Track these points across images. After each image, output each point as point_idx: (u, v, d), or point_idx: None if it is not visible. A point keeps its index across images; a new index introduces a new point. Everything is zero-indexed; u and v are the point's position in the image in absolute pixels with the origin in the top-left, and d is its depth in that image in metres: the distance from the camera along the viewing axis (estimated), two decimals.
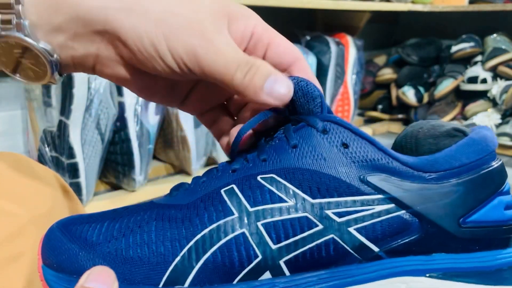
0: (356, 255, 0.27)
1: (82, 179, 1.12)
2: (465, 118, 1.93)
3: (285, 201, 0.27)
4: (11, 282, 0.34)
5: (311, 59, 1.56)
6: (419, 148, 0.30)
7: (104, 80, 1.11)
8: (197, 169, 1.38)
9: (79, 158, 1.10)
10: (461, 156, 0.28)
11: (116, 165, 1.24)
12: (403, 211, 0.27)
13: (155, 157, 1.47)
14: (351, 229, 0.27)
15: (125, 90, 1.18)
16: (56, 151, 1.09)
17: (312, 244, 0.27)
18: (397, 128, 2.04)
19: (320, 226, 0.27)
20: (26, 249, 0.36)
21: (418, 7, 1.99)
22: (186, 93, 0.34)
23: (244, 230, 0.27)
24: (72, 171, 1.10)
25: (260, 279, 0.27)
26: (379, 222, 0.27)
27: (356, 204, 0.27)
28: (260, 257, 0.27)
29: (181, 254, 0.27)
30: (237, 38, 0.29)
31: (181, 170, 1.45)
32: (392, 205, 0.27)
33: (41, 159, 1.11)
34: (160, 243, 0.27)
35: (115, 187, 1.32)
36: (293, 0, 1.43)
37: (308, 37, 1.71)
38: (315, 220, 0.27)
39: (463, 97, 1.99)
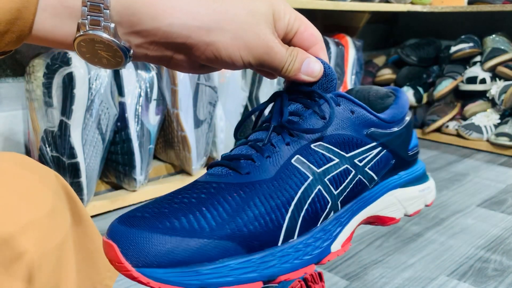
0: (368, 185, 0.40)
1: (83, 179, 1.12)
2: (464, 118, 1.94)
3: (334, 160, 0.37)
4: (11, 282, 0.34)
5: None
6: (372, 106, 0.43)
7: (105, 80, 1.12)
8: (198, 169, 1.38)
9: (80, 158, 1.10)
10: (402, 110, 0.42)
11: (116, 165, 1.24)
12: (385, 150, 0.41)
13: (155, 157, 1.47)
14: (366, 169, 0.39)
15: (126, 90, 1.18)
16: (57, 151, 1.10)
17: (351, 184, 0.38)
18: None
19: (354, 171, 0.38)
20: (27, 249, 0.36)
21: (417, 8, 2.00)
22: None
23: (319, 186, 0.36)
24: (73, 171, 1.10)
25: (328, 218, 0.37)
26: (377, 160, 0.40)
27: (366, 151, 0.39)
28: (330, 202, 0.37)
29: (288, 216, 0.34)
30: (280, 34, 0.37)
31: (181, 170, 1.45)
32: (380, 148, 0.40)
33: (42, 159, 1.11)
34: (271, 212, 0.34)
35: (116, 187, 1.32)
36: (293, 0, 1.43)
37: None
38: (351, 168, 0.38)
39: (462, 97, 1.99)
